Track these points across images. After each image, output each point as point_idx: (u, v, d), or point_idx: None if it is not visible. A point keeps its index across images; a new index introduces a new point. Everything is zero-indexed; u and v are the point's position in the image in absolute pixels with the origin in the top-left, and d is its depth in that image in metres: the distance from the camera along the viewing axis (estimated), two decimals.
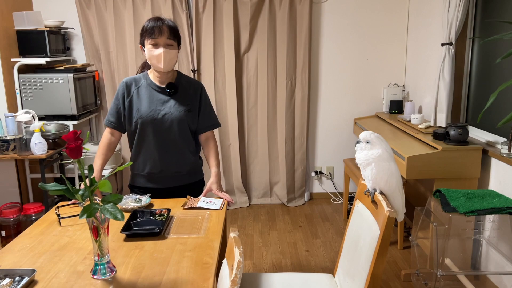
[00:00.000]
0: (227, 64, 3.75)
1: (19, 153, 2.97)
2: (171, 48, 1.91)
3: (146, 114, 1.97)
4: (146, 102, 1.98)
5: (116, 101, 2.02)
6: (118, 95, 2.01)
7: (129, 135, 2.07)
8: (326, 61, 3.89)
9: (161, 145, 2.01)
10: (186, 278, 1.33)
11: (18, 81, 3.35)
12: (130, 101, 2.00)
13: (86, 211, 1.23)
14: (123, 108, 2.01)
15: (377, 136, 1.63)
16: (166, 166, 2.04)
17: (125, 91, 2.00)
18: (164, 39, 1.89)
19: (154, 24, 1.88)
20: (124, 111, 2.01)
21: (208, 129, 2.11)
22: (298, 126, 3.90)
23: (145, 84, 2.01)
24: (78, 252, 1.51)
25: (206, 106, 2.09)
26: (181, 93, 2.02)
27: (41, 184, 1.26)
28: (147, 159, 2.03)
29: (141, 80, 2.03)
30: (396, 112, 3.76)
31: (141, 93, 2.00)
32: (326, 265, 2.86)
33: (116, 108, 2.02)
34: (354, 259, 1.65)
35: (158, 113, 1.98)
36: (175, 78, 2.04)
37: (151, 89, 2.00)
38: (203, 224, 1.73)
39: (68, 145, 1.25)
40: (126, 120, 2.02)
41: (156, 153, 2.02)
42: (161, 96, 2.00)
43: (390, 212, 1.44)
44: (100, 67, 3.82)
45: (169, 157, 2.03)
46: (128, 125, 2.03)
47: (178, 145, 2.02)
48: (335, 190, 4.11)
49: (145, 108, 1.98)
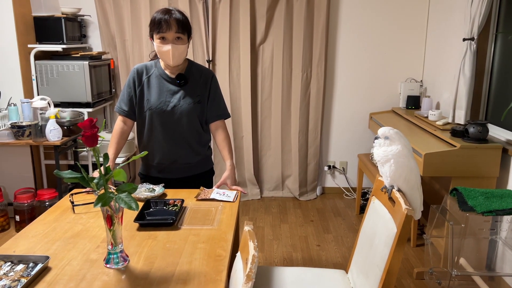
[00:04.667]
0: (242, 55, 3.72)
1: (34, 139, 2.99)
2: (180, 42, 1.85)
3: (156, 106, 1.94)
4: (156, 93, 1.95)
5: (128, 89, 1.98)
6: (130, 82, 1.98)
7: (138, 124, 2.05)
8: (343, 54, 3.83)
9: (171, 137, 1.99)
10: (199, 270, 1.32)
11: (35, 68, 3.36)
12: (141, 90, 1.97)
13: (101, 200, 1.23)
14: (135, 96, 1.98)
15: (396, 132, 1.59)
16: (176, 158, 2.02)
17: (136, 79, 1.97)
18: (173, 34, 1.82)
19: (161, 17, 1.81)
20: (135, 99, 1.99)
21: (216, 118, 2.05)
22: (312, 119, 3.86)
23: (156, 73, 1.97)
24: (91, 240, 1.51)
25: (216, 96, 2.04)
26: (191, 83, 1.98)
27: (56, 171, 1.25)
28: (156, 150, 2.02)
29: (152, 68, 1.99)
30: (413, 108, 3.69)
31: (152, 82, 1.97)
32: (338, 261, 2.83)
33: (129, 96, 1.99)
34: (369, 256, 1.62)
35: (167, 105, 1.95)
36: (185, 68, 1.99)
37: (161, 79, 1.96)
38: (216, 216, 1.71)
39: (84, 132, 1.23)
40: (137, 109, 2.00)
41: (165, 145, 2.00)
42: (171, 87, 1.96)
43: (408, 210, 1.41)
44: (116, 55, 3.82)
45: (179, 149, 2.01)
46: (138, 114, 2.01)
47: (188, 137, 2.00)
48: (348, 185, 4.06)
49: (154, 99, 1.95)
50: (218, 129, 2.07)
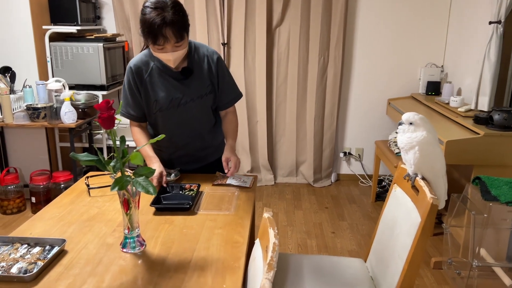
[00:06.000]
0: (258, 38, 3.64)
1: (49, 122, 2.99)
2: (180, 48, 1.63)
3: (166, 106, 1.78)
4: (163, 91, 1.76)
5: (131, 91, 1.78)
6: (130, 84, 1.76)
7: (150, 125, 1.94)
8: (361, 38, 3.73)
9: (185, 133, 1.88)
10: (216, 257, 1.29)
11: (49, 49, 3.34)
12: (145, 91, 1.78)
13: (118, 183, 1.20)
14: (140, 98, 1.79)
15: (421, 118, 1.53)
16: (191, 153, 1.95)
17: (137, 80, 1.76)
18: (172, 44, 1.59)
19: (155, 27, 1.53)
20: (142, 102, 1.81)
21: (227, 105, 1.91)
22: (329, 104, 3.78)
23: (156, 68, 1.76)
24: (107, 224, 1.49)
25: (224, 80, 1.85)
26: (197, 72, 1.78)
27: (72, 153, 1.23)
28: (170, 146, 1.92)
29: (149, 62, 1.76)
30: (433, 94, 3.59)
31: (154, 80, 1.76)
32: (353, 248, 2.80)
33: (133, 99, 1.79)
34: (389, 246, 1.57)
35: (178, 103, 1.78)
36: (187, 56, 1.77)
37: (164, 74, 1.76)
38: (233, 202, 1.68)
39: (100, 114, 1.20)
40: (145, 111, 1.84)
41: (180, 141, 1.89)
42: (177, 81, 1.77)
43: (433, 199, 1.35)
44: (130, 38, 3.77)
45: (195, 143, 1.92)
46: (148, 116, 1.86)
47: (203, 130, 1.91)
48: (364, 172, 4.00)
49: (163, 99, 1.77)
50: (227, 114, 1.95)
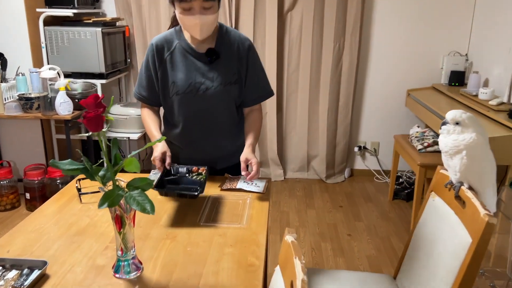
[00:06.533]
0: (268, 23, 3.38)
1: (43, 113, 2.77)
2: (209, 12, 1.46)
3: (184, 90, 1.58)
4: (183, 73, 1.58)
5: (147, 71, 1.62)
6: (148, 63, 1.61)
7: (165, 111, 1.72)
8: (380, 23, 3.46)
9: (204, 126, 1.65)
10: (228, 284, 1.07)
11: (44, 34, 3.10)
12: (163, 72, 1.60)
13: (107, 199, 0.97)
14: (156, 80, 1.62)
15: (470, 116, 1.29)
16: (210, 151, 1.71)
17: (156, 58, 1.59)
18: (200, 2, 1.43)
19: None
20: (157, 84, 1.63)
21: (255, 101, 1.69)
22: (344, 95, 3.53)
23: (179, 48, 1.59)
24: (99, 239, 1.27)
25: (255, 72, 1.66)
26: (225, 57, 1.60)
27: (52, 161, 1.00)
28: (187, 143, 1.70)
29: (173, 40, 1.60)
30: (456, 85, 3.33)
31: (176, 60, 1.59)
32: (372, 253, 2.58)
33: (148, 79, 1.63)
34: (429, 266, 1.35)
35: (198, 87, 1.58)
36: (216, 38, 1.60)
37: (187, 54, 1.59)
38: (245, 211, 1.46)
39: (86, 113, 0.97)
40: (161, 94, 1.65)
41: (197, 136, 1.67)
42: (200, 64, 1.59)
43: (489, 217, 1.12)
44: (131, 22, 3.52)
45: (208, 140, 1.69)
46: (163, 101, 1.66)
47: (221, 126, 1.67)
48: (379, 167, 3.76)
49: (181, 82, 1.58)
50: (252, 111, 1.72)
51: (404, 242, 2.71)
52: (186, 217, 1.41)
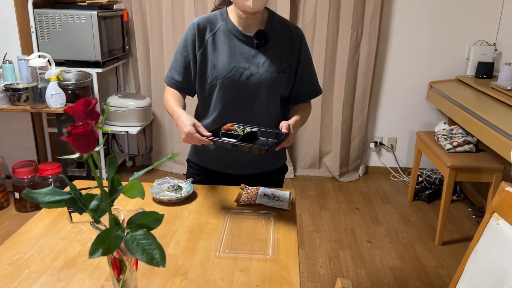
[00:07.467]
0: (280, 8, 3.09)
1: (32, 105, 2.50)
2: None
3: (225, 74, 1.39)
4: (226, 56, 1.40)
5: (184, 51, 1.43)
6: (187, 43, 1.43)
7: (200, 101, 1.51)
8: (401, 9, 3.17)
9: (243, 117, 1.43)
10: None
11: (34, 18, 2.81)
12: (203, 53, 1.42)
13: (101, 243, 0.72)
14: (193, 63, 1.43)
15: None
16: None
17: (197, 38, 1.41)
18: None
19: None
20: (195, 68, 1.44)
21: (304, 99, 1.51)
22: (360, 87, 3.27)
23: (224, 29, 1.42)
24: (92, 274, 1.03)
25: (307, 66, 1.48)
26: (274, 43, 1.42)
27: (27, 190, 0.74)
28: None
29: (218, 21, 1.43)
30: (484, 77, 3.06)
31: (218, 42, 1.42)
32: (396, 264, 2.35)
33: (184, 62, 1.44)
34: None
35: (241, 73, 1.39)
36: (265, 21, 1.43)
37: (232, 36, 1.41)
38: (269, 235, 1.21)
39: (72, 128, 0.71)
40: (197, 80, 1.45)
41: None
42: (246, 48, 1.41)
43: None
44: (130, 5, 3.23)
45: None
46: (199, 88, 1.46)
47: (265, 119, 1.44)
48: (396, 165, 3.52)
49: (223, 65, 1.40)
50: (302, 103, 1.53)
51: (430, 250, 2.48)
52: (199, 242, 1.16)
